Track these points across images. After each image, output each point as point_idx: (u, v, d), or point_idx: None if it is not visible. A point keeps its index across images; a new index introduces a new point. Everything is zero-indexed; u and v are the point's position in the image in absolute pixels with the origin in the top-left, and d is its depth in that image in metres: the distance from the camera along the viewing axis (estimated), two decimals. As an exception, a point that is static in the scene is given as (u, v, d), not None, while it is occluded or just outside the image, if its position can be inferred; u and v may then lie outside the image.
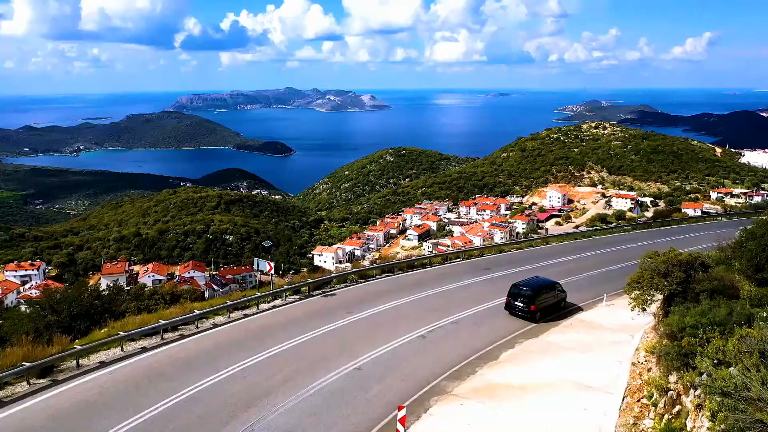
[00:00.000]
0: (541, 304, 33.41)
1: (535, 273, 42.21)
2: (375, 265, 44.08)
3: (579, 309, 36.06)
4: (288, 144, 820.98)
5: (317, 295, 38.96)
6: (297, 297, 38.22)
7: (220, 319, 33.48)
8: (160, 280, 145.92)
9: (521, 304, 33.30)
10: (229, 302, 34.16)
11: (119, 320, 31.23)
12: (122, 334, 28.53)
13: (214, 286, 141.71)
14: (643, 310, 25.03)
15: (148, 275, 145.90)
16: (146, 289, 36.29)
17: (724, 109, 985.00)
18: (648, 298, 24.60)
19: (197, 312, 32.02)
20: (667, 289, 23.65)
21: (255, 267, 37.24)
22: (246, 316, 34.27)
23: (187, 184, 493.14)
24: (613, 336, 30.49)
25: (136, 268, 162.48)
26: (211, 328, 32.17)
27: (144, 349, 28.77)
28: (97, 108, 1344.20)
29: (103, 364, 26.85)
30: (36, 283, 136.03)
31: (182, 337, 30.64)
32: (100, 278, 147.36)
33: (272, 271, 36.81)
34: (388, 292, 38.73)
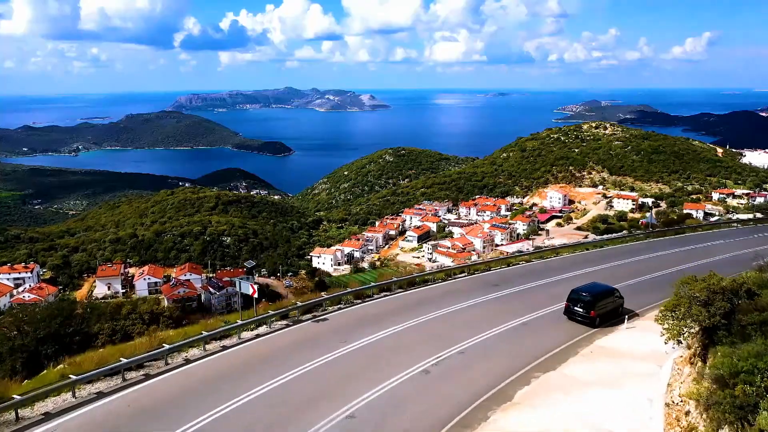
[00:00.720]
0: (600, 310, 33.29)
1: (548, 289, 39.26)
2: (372, 284, 39.15)
3: (596, 334, 32.38)
4: (287, 144, 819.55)
5: (307, 320, 34.67)
6: (284, 323, 34.01)
7: (194, 352, 29.21)
8: (155, 283, 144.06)
9: (581, 310, 33.14)
10: (205, 333, 29.66)
11: (79, 355, 27.53)
12: (74, 377, 24.85)
13: (211, 289, 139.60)
14: (678, 342, 22.30)
15: (143, 278, 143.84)
16: (124, 307, 32.46)
17: (724, 109, 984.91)
18: (685, 329, 21.80)
19: (166, 346, 27.80)
20: (708, 320, 20.80)
21: (237, 289, 32.72)
22: (224, 348, 30.04)
23: (186, 184, 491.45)
24: (639, 366, 27.34)
25: (131, 270, 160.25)
26: (183, 365, 28.09)
27: (100, 395, 24.87)
28: (96, 108, 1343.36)
29: (47, 416, 22.93)
30: (30, 286, 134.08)
31: (147, 377, 26.69)
32: (95, 281, 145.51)
33: (256, 295, 32.43)
34: (386, 315, 34.71)
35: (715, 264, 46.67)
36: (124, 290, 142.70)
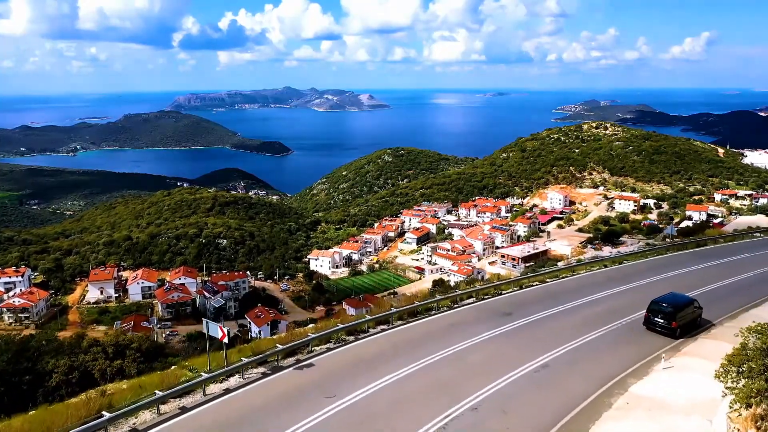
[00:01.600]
0: (681, 321, 32.52)
1: (567, 317, 34.88)
2: (367, 317, 33.36)
3: (630, 376, 27.25)
4: (286, 144, 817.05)
5: (289, 366, 27.94)
6: (261, 371, 27.39)
7: (145, 418, 23.06)
8: (149, 287, 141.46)
9: (662, 321, 32.45)
10: (160, 393, 23.35)
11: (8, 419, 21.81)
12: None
13: (206, 294, 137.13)
14: (748, 406, 18.00)
15: (137, 282, 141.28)
16: (85, 339, 28.15)
17: (723, 108, 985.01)
18: (761, 390, 17.48)
19: (107, 415, 21.48)
20: None
21: (205, 331, 26.29)
22: (183, 410, 23.67)
23: (185, 184, 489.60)
24: (685, 423, 22.59)
25: (125, 274, 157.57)
26: (128, 439, 22.05)
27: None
28: (94, 107, 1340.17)
29: None
30: (20, 290, 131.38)
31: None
32: (87, 285, 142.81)
33: (226, 339, 25.84)
34: (383, 357, 28.98)
35: (749, 282, 44.17)
36: (117, 294, 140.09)
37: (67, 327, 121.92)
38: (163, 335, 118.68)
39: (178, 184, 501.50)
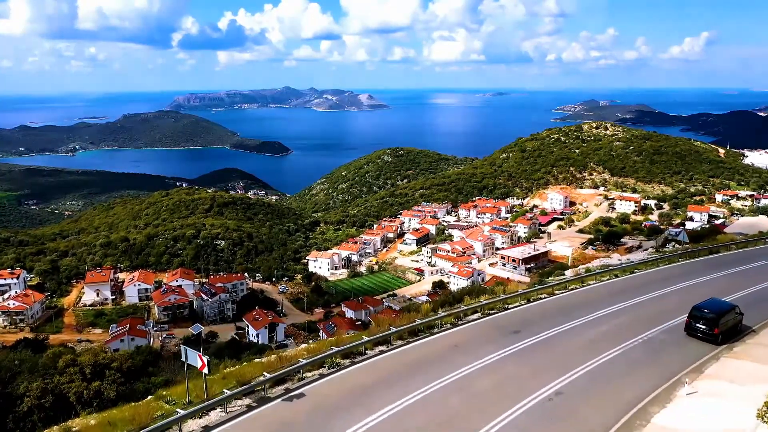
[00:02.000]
0: (723, 327, 32.10)
1: (579, 335, 32.16)
2: (365, 339, 30.30)
3: (651, 404, 24.67)
4: (285, 144, 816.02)
5: (278, 396, 25.00)
6: (246, 403, 24.40)
7: None
8: (146, 290, 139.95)
9: (704, 327, 32.01)
10: None
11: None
12: None
13: (203, 296, 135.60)
14: None
15: (133, 284, 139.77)
16: (62, 358, 25.42)
17: (722, 108, 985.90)
18: None
19: None
20: None
21: (183, 359, 23.63)
22: None
23: (183, 185, 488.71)
24: None
25: (122, 276, 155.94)
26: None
27: None
28: (93, 107, 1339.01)
29: None
30: (15, 293, 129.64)
31: None
32: (83, 287, 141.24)
33: (206, 370, 23.14)
34: (381, 384, 26.21)
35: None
36: (113, 297, 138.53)
37: (62, 330, 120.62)
38: (160, 338, 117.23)
39: (177, 184, 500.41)
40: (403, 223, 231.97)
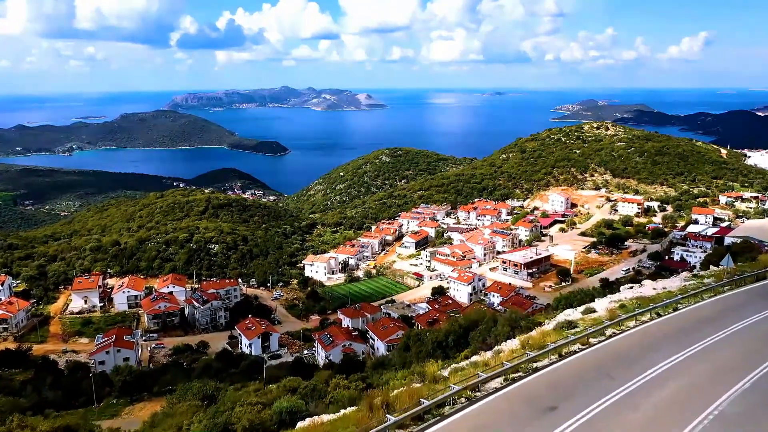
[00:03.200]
0: None
1: (634, 409, 23.62)
2: None
3: None
4: (283, 143, 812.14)
5: None
6: None
7: None
8: (135, 297, 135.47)
9: None
10: None
11: None
12: None
13: (195, 303, 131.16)
14: None
15: (122, 291, 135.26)
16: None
17: (720, 108, 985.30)
18: None
19: None
20: None
21: None
22: None
23: (181, 185, 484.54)
24: None
25: (111, 281, 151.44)
26: None
27: None
28: (91, 107, 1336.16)
29: None
30: (0, 300, 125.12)
31: None
32: (71, 294, 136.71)
33: None
34: None
35: None
36: (102, 304, 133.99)
37: (47, 339, 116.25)
38: (148, 348, 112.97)
39: (175, 184, 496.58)
40: (402, 225, 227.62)
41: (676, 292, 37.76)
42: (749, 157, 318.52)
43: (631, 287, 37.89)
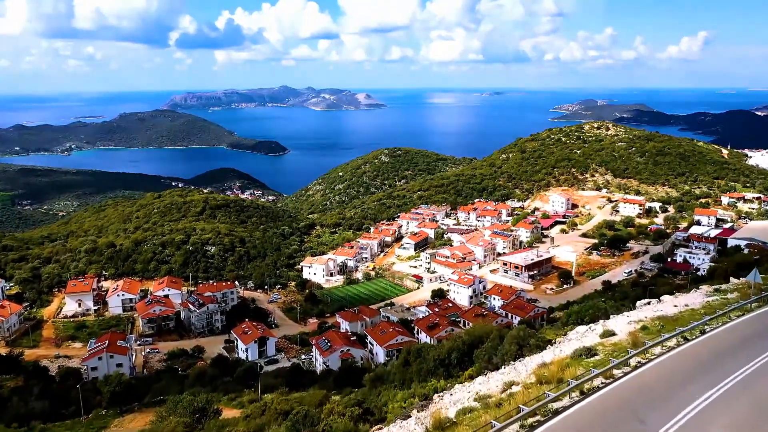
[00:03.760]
0: None
1: None
2: None
3: None
4: (282, 143, 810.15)
5: None
6: None
7: None
8: (130, 300, 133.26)
9: None
10: None
11: None
12: None
13: (191, 306, 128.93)
14: None
15: (117, 294, 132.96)
16: None
17: (720, 108, 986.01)
18: None
19: None
20: None
21: None
22: None
23: (179, 185, 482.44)
24: None
25: (106, 284, 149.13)
26: None
27: None
28: (90, 106, 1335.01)
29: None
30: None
31: None
32: (64, 297, 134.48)
33: None
34: None
35: None
36: (96, 307, 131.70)
37: (39, 344, 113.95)
38: (143, 353, 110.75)
39: (173, 184, 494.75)
40: (401, 226, 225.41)
41: (700, 310, 34.40)
42: (750, 157, 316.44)
43: (649, 303, 34.90)
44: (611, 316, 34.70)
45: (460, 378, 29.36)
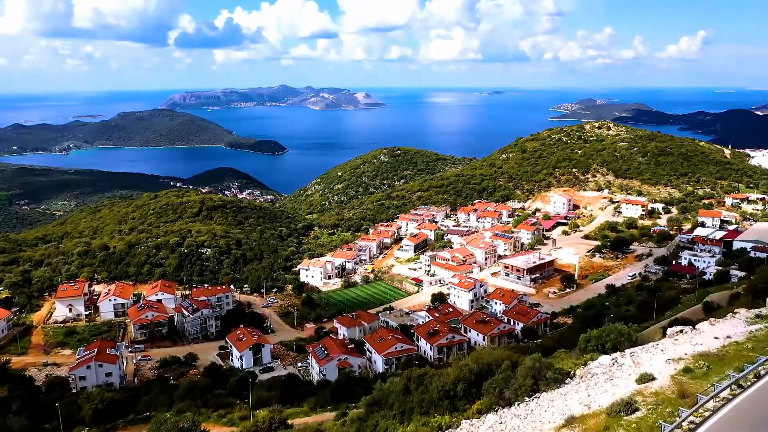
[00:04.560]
0: None
1: None
2: None
3: None
4: (281, 142, 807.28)
5: None
6: None
7: None
8: (122, 305, 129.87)
9: None
10: None
11: None
12: None
13: (184, 311, 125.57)
14: None
15: (109, 299, 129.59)
16: None
17: (719, 107, 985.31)
18: None
19: None
20: None
21: None
22: None
23: (178, 184, 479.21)
24: None
25: (98, 288, 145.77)
26: None
27: None
28: (88, 106, 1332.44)
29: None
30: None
31: None
32: (54, 302, 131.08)
33: None
34: None
35: None
36: (87, 312, 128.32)
37: (28, 351, 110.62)
38: (134, 361, 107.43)
39: (172, 183, 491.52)
40: (400, 227, 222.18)
41: (746, 344, 28.74)
42: (753, 157, 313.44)
43: (682, 331, 30.39)
44: (637, 343, 30.41)
45: (467, 413, 26.10)
